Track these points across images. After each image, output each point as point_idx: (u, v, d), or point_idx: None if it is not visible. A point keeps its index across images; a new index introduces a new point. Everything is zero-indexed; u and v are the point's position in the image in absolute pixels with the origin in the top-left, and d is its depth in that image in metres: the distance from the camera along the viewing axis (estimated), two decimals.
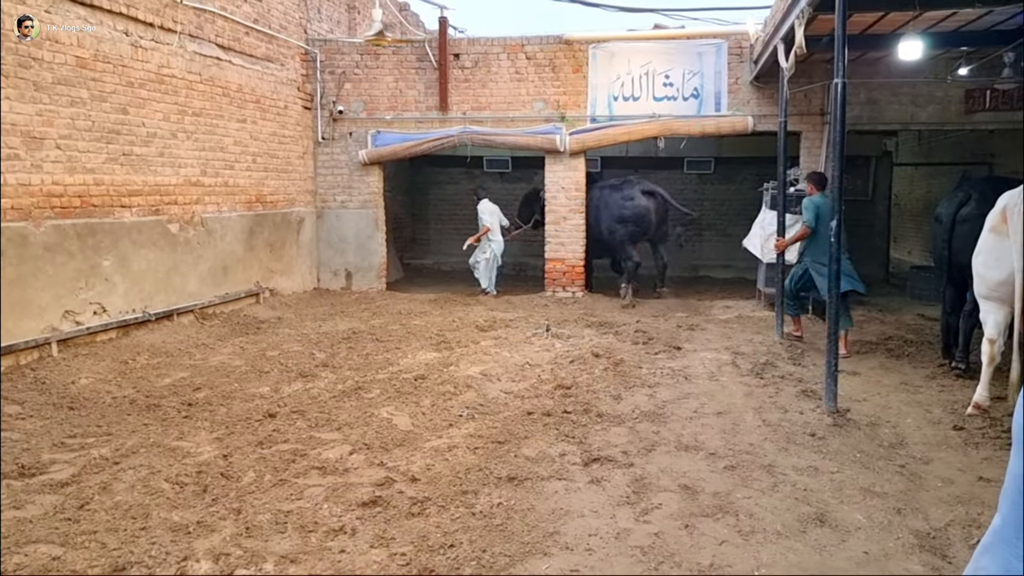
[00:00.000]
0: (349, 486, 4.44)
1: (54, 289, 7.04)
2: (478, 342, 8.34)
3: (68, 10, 7.11)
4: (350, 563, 3.56)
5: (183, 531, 3.87)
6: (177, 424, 5.56)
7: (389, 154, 12.14)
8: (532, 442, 5.16)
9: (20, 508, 4.12)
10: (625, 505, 4.14)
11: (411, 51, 12.01)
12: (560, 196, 11.91)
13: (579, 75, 11.65)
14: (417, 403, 6.08)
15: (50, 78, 6.94)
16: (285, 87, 11.19)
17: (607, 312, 10.45)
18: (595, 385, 6.55)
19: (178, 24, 8.64)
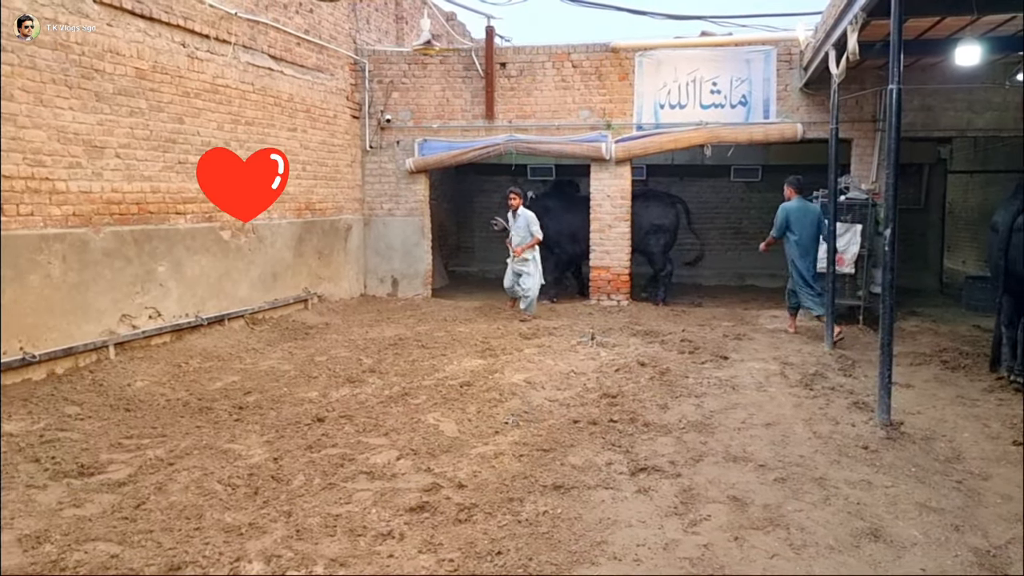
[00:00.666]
0: (397, 491, 4.48)
1: (112, 293, 7.23)
2: (522, 350, 8.35)
3: (128, 22, 7.34)
4: (399, 568, 3.59)
5: (235, 532, 3.93)
6: (229, 427, 5.67)
7: (435, 162, 12.25)
8: (578, 450, 5.15)
9: (80, 506, 4.23)
10: (673, 516, 4.10)
11: (458, 60, 12.11)
12: (605, 204, 11.88)
13: (625, 83, 11.63)
14: (463, 410, 6.11)
15: (111, 89, 7.16)
16: (334, 96, 11.36)
17: (653, 321, 10.38)
18: (641, 394, 6.52)
19: (232, 35, 8.84)
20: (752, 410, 6.04)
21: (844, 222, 9.48)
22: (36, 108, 6.43)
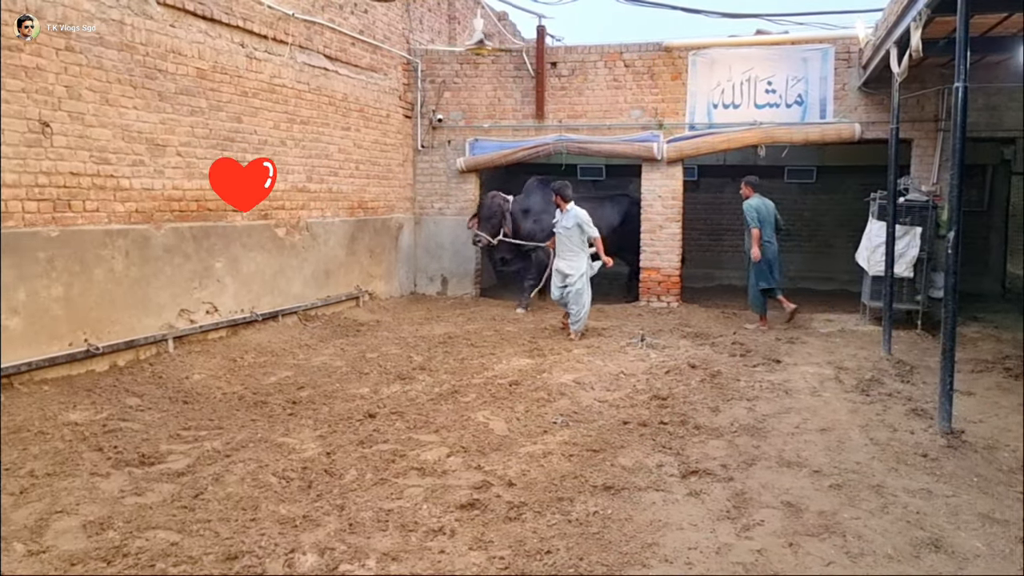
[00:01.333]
0: (447, 488, 4.51)
1: (171, 288, 7.42)
2: (571, 350, 8.34)
3: (191, 24, 7.52)
4: (449, 564, 3.62)
5: (290, 524, 4.00)
6: (283, 421, 5.77)
7: (486, 162, 12.29)
8: (628, 452, 5.12)
9: (141, 495, 4.35)
10: (725, 520, 4.06)
11: (509, 60, 12.14)
12: (656, 205, 11.79)
13: (678, 82, 11.52)
14: (512, 408, 6.13)
15: (173, 88, 7.35)
16: (387, 96, 11.48)
17: (703, 323, 10.27)
18: (692, 397, 6.46)
19: (289, 36, 9.00)
20: (806, 415, 5.94)
21: (903, 224, 9.25)
22: (102, 107, 6.63)
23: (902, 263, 9.25)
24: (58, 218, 6.30)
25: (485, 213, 11.27)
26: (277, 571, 3.53)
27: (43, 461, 4.77)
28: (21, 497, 4.25)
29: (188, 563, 3.57)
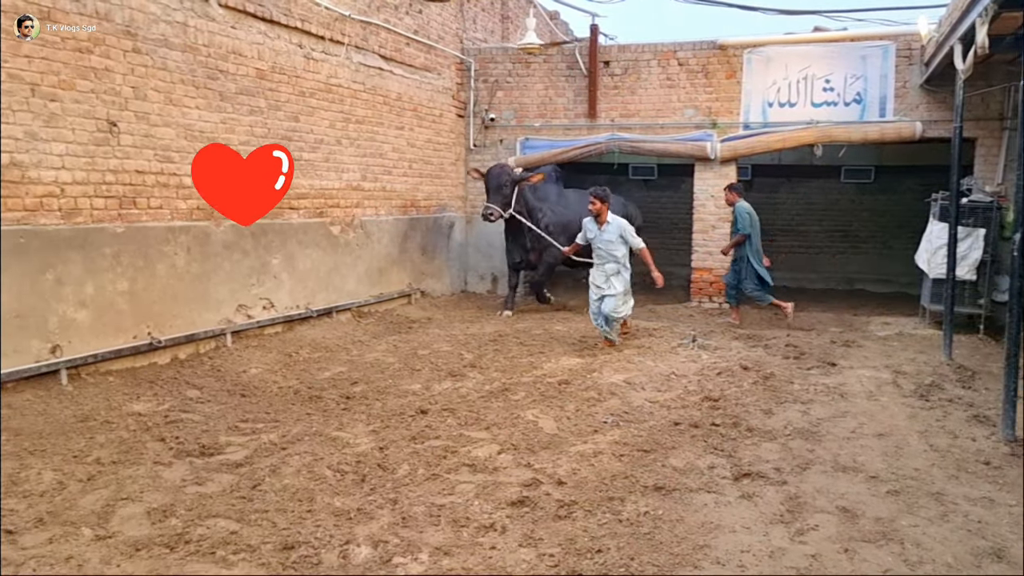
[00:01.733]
0: (498, 485, 4.54)
1: (230, 284, 7.60)
2: (621, 350, 8.31)
3: (251, 25, 7.70)
4: (500, 560, 3.65)
5: (344, 516, 4.08)
6: (337, 415, 5.87)
7: (537, 161, 12.29)
8: (679, 453, 5.10)
9: (202, 484, 4.48)
10: (779, 523, 4.01)
11: (561, 59, 12.14)
12: (708, 204, 11.68)
13: (732, 81, 11.39)
14: (562, 407, 6.14)
15: (233, 89, 7.53)
16: (441, 95, 11.58)
17: (755, 324, 10.15)
18: (744, 399, 6.39)
19: (346, 36, 9.14)
20: (862, 419, 5.83)
21: (966, 226, 9.01)
22: (166, 107, 6.83)
23: (964, 265, 9.01)
24: (124, 215, 6.51)
25: (493, 183, 10.26)
26: (332, 562, 3.60)
27: (109, 449, 4.94)
28: (88, 484, 4.41)
29: (247, 551, 3.67)
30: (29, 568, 3.44)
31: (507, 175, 10.27)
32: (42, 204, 5.86)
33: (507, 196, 10.18)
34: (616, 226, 8.32)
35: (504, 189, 10.18)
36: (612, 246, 8.30)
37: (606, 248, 8.30)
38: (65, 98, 5.96)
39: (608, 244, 8.30)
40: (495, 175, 10.27)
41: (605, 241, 8.30)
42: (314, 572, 3.51)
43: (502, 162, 10.86)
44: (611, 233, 8.30)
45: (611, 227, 8.31)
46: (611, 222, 8.32)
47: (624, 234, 8.29)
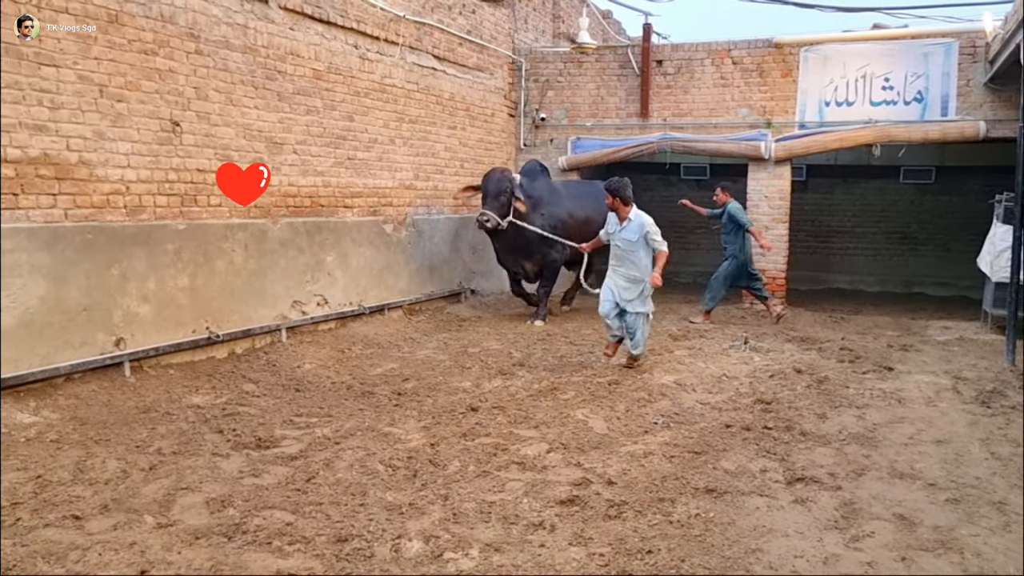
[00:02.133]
0: (547, 483, 4.56)
1: (285, 281, 7.76)
2: (672, 351, 8.26)
3: (308, 27, 7.85)
4: (550, 558, 3.66)
5: (396, 511, 4.14)
6: (389, 411, 5.95)
7: (588, 160, 12.29)
8: (731, 455, 5.05)
9: (258, 476, 4.58)
10: (833, 529, 3.95)
11: (613, 58, 12.10)
12: (762, 205, 11.52)
13: (788, 80, 11.22)
14: (611, 407, 6.13)
15: (291, 89, 7.68)
16: (492, 95, 11.64)
17: (809, 327, 9.98)
18: (797, 402, 6.30)
19: (400, 37, 9.25)
20: (920, 425, 5.70)
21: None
22: (227, 107, 7.00)
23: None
24: (185, 212, 6.69)
25: (492, 188, 9.42)
26: (385, 555, 3.66)
27: (169, 440, 5.08)
28: (150, 473, 4.55)
29: (302, 542, 3.75)
30: (95, 553, 3.56)
31: (507, 181, 9.40)
32: (108, 201, 6.06)
33: (505, 204, 9.32)
34: (639, 224, 7.19)
35: (503, 196, 9.33)
36: (632, 246, 7.20)
37: (625, 248, 7.28)
38: (131, 99, 6.15)
39: (628, 244, 7.24)
40: (495, 180, 9.44)
41: (624, 240, 7.26)
42: (367, 564, 3.57)
43: (502, 167, 10.09)
44: (632, 232, 7.20)
45: (633, 225, 7.22)
46: (633, 219, 7.23)
47: (648, 235, 7.15)
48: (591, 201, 10.12)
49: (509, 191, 9.33)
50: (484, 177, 9.60)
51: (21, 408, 5.34)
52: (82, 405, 5.59)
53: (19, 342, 5.45)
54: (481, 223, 9.31)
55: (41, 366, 5.58)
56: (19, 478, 4.35)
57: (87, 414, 5.45)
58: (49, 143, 5.60)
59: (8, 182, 5.37)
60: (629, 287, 7.30)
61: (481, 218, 9.31)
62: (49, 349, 5.64)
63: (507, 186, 9.35)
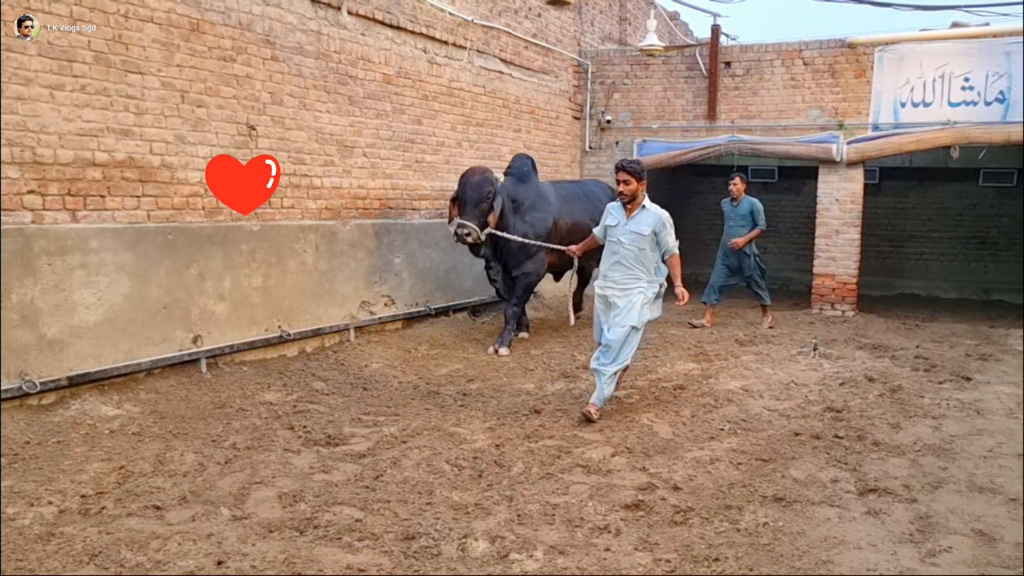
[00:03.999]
0: (612, 487, 4.55)
1: (354, 281, 7.92)
2: (738, 356, 8.14)
3: (379, 32, 8.01)
4: (615, 562, 3.66)
5: (462, 511, 4.18)
6: (454, 411, 6.02)
7: (654, 163, 12.17)
8: (800, 464, 4.96)
9: (328, 472, 4.69)
10: (908, 543, 3.85)
11: (680, 60, 11.99)
12: (833, 208, 11.26)
13: (861, 80, 10.94)
14: (677, 412, 6.08)
15: (362, 93, 7.84)
16: (557, 98, 11.66)
17: (881, 334, 9.71)
18: (869, 411, 6.14)
19: (468, 41, 9.35)
20: (1001, 438, 5.50)
21: None
22: (300, 112, 7.18)
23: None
24: (259, 213, 6.89)
25: (471, 195, 7.86)
26: (451, 554, 3.71)
27: (243, 435, 5.24)
28: (226, 467, 4.70)
29: (370, 539, 3.82)
30: (175, 543, 3.70)
31: (489, 185, 7.90)
32: (188, 203, 6.28)
33: (486, 212, 7.88)
34: (653, 217, 5.95)
35: (483, 204, 7.86)
36: (639, 242, 5.93)
37: (630, 244, 5.93)
38: (210, 104, 6.36)
39: (634, 240, 5.93)
40: (475, 185, 7.87)
41: (630, 234, 5.93)
42: (434, 563, 3.63)
43: (481, 166, 8.29)
44: (642, 224, 5.93)
45: (644, 216, 5.95)
46: (648, 209, 5.99)
47: (660, 229, 5.95)
48: (584, 204, 9.15)
49: (490, 197, 7.91)
50: (462, 180, 8.02)
51: (105, 401, 5.58)
52: (161, 399, 5.80)
53: (104, 338, 5.69)
54: (461, 237, 7.81)
55: (124, 361, 5.82)
56: (103, 468, 4.54)
57: (166, 408, 5.66)
58: (134, 147, 5.84)
59: (95, 184, 5.62)
60: (625, 291, 5.95)
61: (460, 231, 7.79)
62: (131, 345, 5.88)
63: (489, 191, 7.90)
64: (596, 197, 9.35)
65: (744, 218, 9.90)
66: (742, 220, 9.90)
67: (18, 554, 3.53)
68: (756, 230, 9.83)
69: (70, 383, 5.48)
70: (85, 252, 5.53)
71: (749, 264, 9.99)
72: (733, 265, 10.07)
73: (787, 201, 15.37)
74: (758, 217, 9.85)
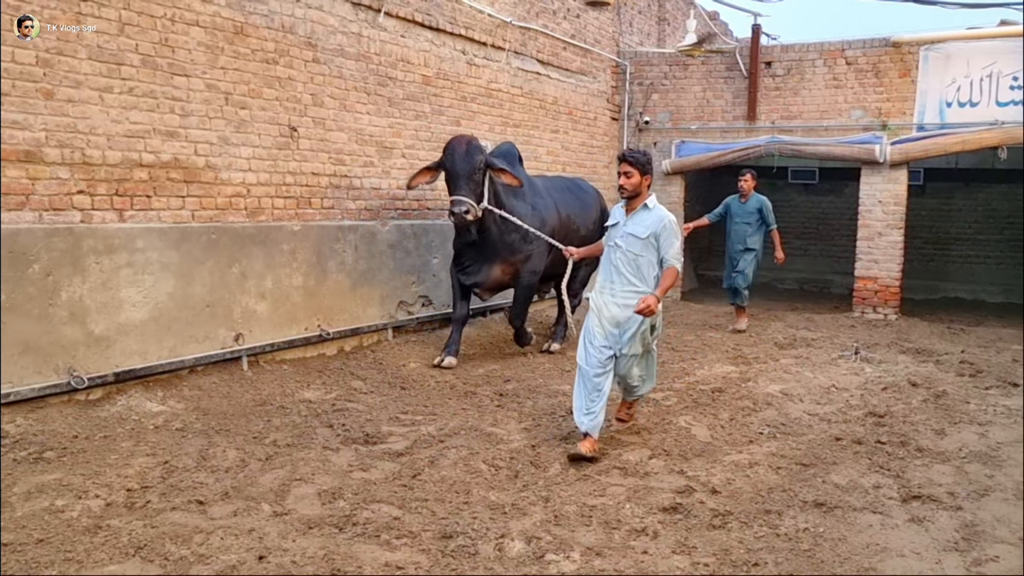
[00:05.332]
0: (650, 489, 4.53)
1: (392, 282, 7.97)
2: (777, 359, 8.05)
3: (419, 34, 8.06)
4: (653, 565, 3.64)
5: (499, 510, 4.20)
6: (491, 412, 6.04)
7: (692, 164, 12.12)
8: (841, 469, 4.89)
9: (366, 470, 4.73)
10: (953, 551, 3.78)
11: (720, 60, 11.89)
12: (876, 210, 11.08)
13: (906, 80, 10.75)
14: (715, 415, 6.03)
15: (401, 94, 7.90)
16: (595, 99, 11.63)
17: (925, 338, 9.53)
18: (912, 416, 6.03)
19: (506, 42, 9.37)
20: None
21: None
22: (340, 113, 7.25)
23: None
24: (300, 214, 6.98)
25: (463, 166, 6.91)
26: (488, 553, 3.72)
27: (284, 433, 5.31)
28: (267, 463, 4.76)
29: (408, 537, 3.85)
30: (218, 537, 3.76)
31: (480, 153, 6.99)
32: (231, 203, 6.38)
33: (480, 184, 6.98)
34: (654, 218, 5.05)
35: (476, 175, 6.92)
36: (635, 247, 5.06)
37: (626, 249, 5.09)
38: (253, 106, 6.46)
39: (630, 243, 5.07)
40: (464, 155, 6.92)
41: (627, 237, 5.08)
42: (471, 562, 3.64)
43: (466, 134, 7.42)
44: (642, 226, 5.05)
45: (644, 217, 5.08)
46: (650, 209, 5.10)
47: (660, 233, 5.01)
48: (574, 199, 8.35)
49: (484, 165, 6.98)
50: (448, 150, 7.01)
51: (150, 397, 5.70)
52: (204, 396, 5.90)
53: (149, 335, 5.81)
54: (459, 216, 6.83)
55: (169, 358, 5.93)
56: (148, 463, 4.64)
57: (209, 405, 5.76)
58: (179, 148, 5.95)
59: (142, 184, 5.74)
60: (624, 309, 5.11)
61: (458, 208, 6.81)
62: (176, 342, 5.99)
63: (480, 160, 6.95)
64: (584, 192, 8.66)
65: (751, 216, 9.70)
66: (749, 218, 9.71)
67: (67, 545, 3.62)
68: (776, 234, 9.73)
69: (116, 379, 5.60)
70: (132, 251, 5.65)
71: (746, 260, 9.77)
72: (736, 262, 9.86)
73: (828, 203, 15.18)
74: (767, 216, 9.65)
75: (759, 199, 9.72)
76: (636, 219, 5.12)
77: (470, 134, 7.49)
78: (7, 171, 4.99)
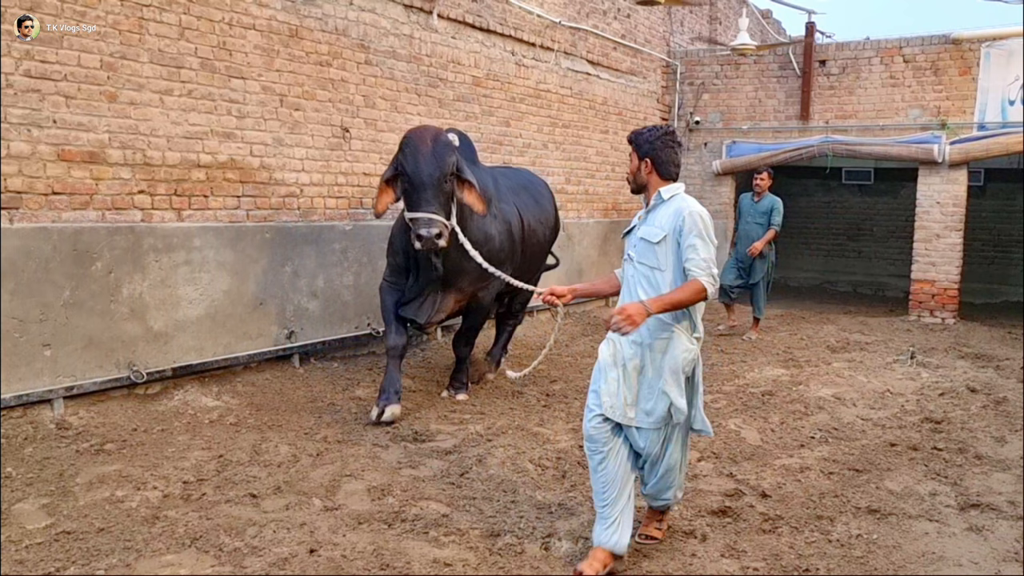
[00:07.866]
0: (699, 492, 4.50)
1: None
2: (830, 363, 7.91)
3: (469, 35, 8.12)
4: (701, 568, 3.62)
5: (546, 510, 4.21)
6: (538, 411, 6.05)
7: (743, 164, 11.96)
8: (896, 475, 4.79)
9: (415, 468, 4.79)
10: (1013, 561, 3.68)
11: (772, 59, 11.72)
12: (933, 211, 10.81)
13: (966, 78, 10.47)
14: (765, 419, 5.95)
15: (451, 95, 7.96)
16: (645, 99, 11.56)
17: (984, 343, 9.26)
18: (971, 423, 5.88)
19: (555, 43, 9.38)
20: None
21: None
22: (391, 114, 7.34)
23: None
24: (351, 214, 7.08)
25: (429, 170, 5.25)
26: (535, 553, 3.74)
27: (334, 429, 5.40)
28: (318, 459, 4.84)
29: (456, 535, 3.88)
30: (270, 530, 3.84)
31: (450, 152, 5.39)
32: (284, 203, 6.51)
33: (450, 195, 5.43)
34: (671, 212, 3.56)
35: (446, 183, 5.35)
36: (648, 256, 3.61)
37: (638, 262, 3.65)
38: (307, 107, 6.58)
39: (644, 253, 3.63)
40: (428, 155, 5.27)
41: (640, 245, 3.65)
42: (518, 561, 3.66)
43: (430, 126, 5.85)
44: (654, 227, 3.61)
45: (659, 214, 3.63)
46: (667, 202, 3.62)
47: (681, 228, 3.50)
48: (531, 200, 6.81)
49: (455, 169, 5.41)
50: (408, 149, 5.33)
51: (205, 392, 5.84)
52: (257, 392, 6.03)
53: (205, 332, 5.96)
54: (429, 240, 5.19)
55: (223, 354, 6.07)
56: (204, 456, 4.75)
57: (262, 401, 5.88)
58: (235, 149, 6.09)
59: (200, 185, 5.89)
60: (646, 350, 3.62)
61: (426, 231, 5.17)
62: (230, 339, 6.13)
63: (452, 161, 5.37)
64: (538, 190, 7.07)
65: (763, 215, 9.36)
66: (760, 218, 9.35)
67: (126, 535, 3.73)
68: (771, 231, 9.27)
69: (174, 374, 5.76)
70: (189, 250, 5.80)
71: (762, 268, 9.38)
72: (745, 267, 9.41)
73: (883, 204, 14.84)
74: (774, 216, 9.30)
75: (772, 199, 9.39)
76: (650, 218, 3.66)
77: (436, 126, 5.82)
78: (72, 172, 5.16)
